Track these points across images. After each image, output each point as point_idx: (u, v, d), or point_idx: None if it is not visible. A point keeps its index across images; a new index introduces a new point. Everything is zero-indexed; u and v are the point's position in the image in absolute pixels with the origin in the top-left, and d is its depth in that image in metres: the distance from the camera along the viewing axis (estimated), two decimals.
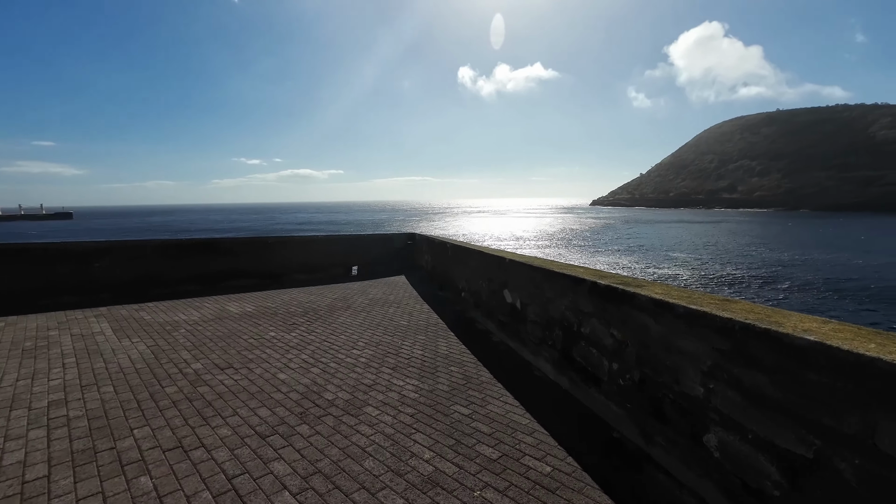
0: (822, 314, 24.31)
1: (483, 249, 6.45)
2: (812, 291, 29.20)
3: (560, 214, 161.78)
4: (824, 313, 25.46)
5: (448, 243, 8.63)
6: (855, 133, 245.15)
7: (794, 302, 26.86)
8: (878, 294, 28.69)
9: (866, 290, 29.42)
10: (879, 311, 25.44)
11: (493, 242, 58.03)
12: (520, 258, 5.08)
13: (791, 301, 27.11)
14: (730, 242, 60.64)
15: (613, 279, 3.37)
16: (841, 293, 28.91)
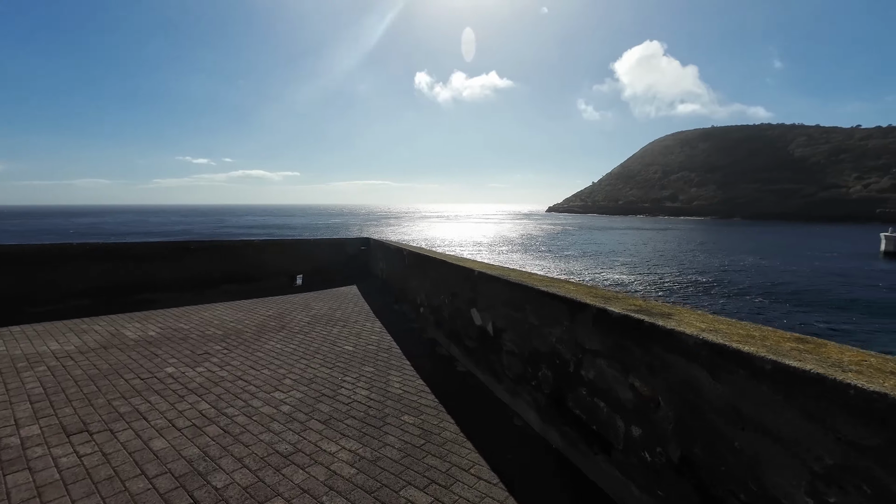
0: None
1: (445, 258, 5.42)
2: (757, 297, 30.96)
3: (519, 220, 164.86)
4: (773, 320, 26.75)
5: (405, 250, 7.52)
6: (777, 150, 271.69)
7: (746, 306, 28.22)
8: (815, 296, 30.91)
9: (791, 294, 31.61)
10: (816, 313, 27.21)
11: (453, 249, 57.43)
12: (492, 270, 4.09)
13: (746, 306, 28.48)
14: (679, 248, 64.04)
15: (628, 304, 2.44)
16: (774, 297, 30.85)
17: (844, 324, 24.55)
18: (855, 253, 58.01)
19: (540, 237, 79.23)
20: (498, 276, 3.75)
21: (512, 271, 4.08)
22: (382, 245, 10.09)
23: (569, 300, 2.72)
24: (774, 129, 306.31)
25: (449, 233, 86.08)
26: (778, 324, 24.92)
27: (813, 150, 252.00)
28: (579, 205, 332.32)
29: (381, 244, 10.35)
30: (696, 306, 25.97)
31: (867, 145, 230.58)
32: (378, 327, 6.46)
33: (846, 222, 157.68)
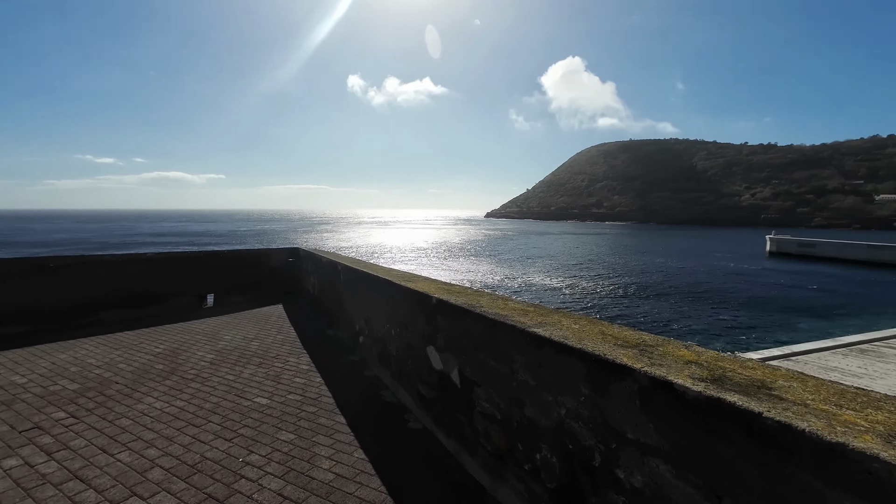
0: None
1: (391, 277, 4.29)
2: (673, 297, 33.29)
3: (460, 226, 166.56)
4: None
5: (339, 264, 6.24)
6: (683, 162, 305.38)
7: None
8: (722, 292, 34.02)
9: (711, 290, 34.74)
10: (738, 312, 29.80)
11: (395, 258, 55.86)
12: (458, 297, 3.07)
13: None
14: (611, 251, 68.28)
15: (706, 371, 1.54)
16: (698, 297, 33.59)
17: (738, 318, 27.17)
18: (746, 254, 66.10)
19: (483, 242, 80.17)
20: (467, 308, 2.73)
21: (485, 297, 3.09)
22: (313, 257, 8.64)
23: (592, 358, 1.77)
24: (681, 144, 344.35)
25: (390, 239, 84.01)
26: (691, 320, 26.92)
27: (711, 163, 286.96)
28: (515, 210, 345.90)
29: (311, 255, 8.89)
30: (636, 311, 26.78)
31: (753, 160, 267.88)
32: (305, 363, 5.13)
33: (739, 226, 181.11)
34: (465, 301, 2.93)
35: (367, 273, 4.81)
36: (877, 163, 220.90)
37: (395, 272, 4.77)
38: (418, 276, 4.50)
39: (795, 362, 11.84)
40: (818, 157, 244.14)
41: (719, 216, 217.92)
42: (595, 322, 2.43)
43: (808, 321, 27.53)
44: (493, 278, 39.39)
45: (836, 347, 12.48)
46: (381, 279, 4.36)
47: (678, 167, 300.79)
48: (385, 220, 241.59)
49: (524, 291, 34.26)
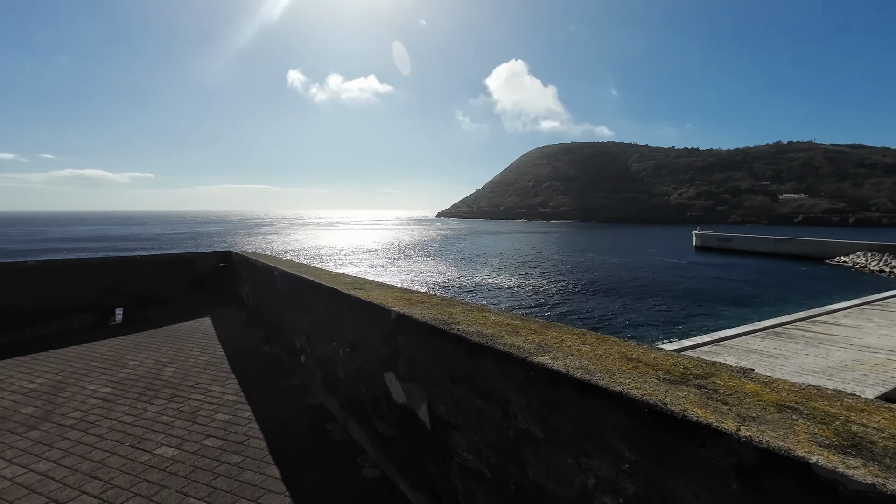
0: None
1: (338, 285, 3.51)
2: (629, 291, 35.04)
3: (411, 226, 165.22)
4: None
5: (276, 269, 5.30)
6: (619, 164, 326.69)
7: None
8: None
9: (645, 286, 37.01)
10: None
11: (342, 261, 53.79)
12: (425, 311, 2.40)
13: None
14: (561, 249, 70.77)
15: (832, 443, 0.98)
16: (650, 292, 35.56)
17: (672, 309, 29.16)
18: (676, 249, 71.81)
19: (436, 242, 79.83)
20: (439, 327, 2.07)
21: (458, 308, 2.45)
22: (248, 261, 7.52)
23: (642, 407, 1.17)
24: (617, 147, 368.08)
25: (338, 241, 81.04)
26: (636, 313, 28.35)
27: (643, 165, 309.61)
28: (466, 210, 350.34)
29: (245, 260, 7.75)
30: (584, 306, 27.57)
31: (679, 162, 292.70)
32: (232, 392, 4.18)
33: (669, 223, 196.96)
34: (435, 316, 2.27)
35: (309, 280, 3.97)
36: (780, 166, 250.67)
37: (344, 278, 3.99)
38: (371, 281, 3.76)
39: (723, 347, 12.52)
40: (733, 160, 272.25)
41: (652, 214, 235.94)
42: (603, 339, 1.88)
43: (730, 308, 30.11)
44: (449, 279, 39.06)
45: (755, 332, 13.45)
46: (325, 287, 3.56)
47: (614, 169, 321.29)
48: (333, 220, 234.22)
49: (480, 291, 34.26)
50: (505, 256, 57.14)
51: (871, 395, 8.81)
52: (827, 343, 12.19)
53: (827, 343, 12.19)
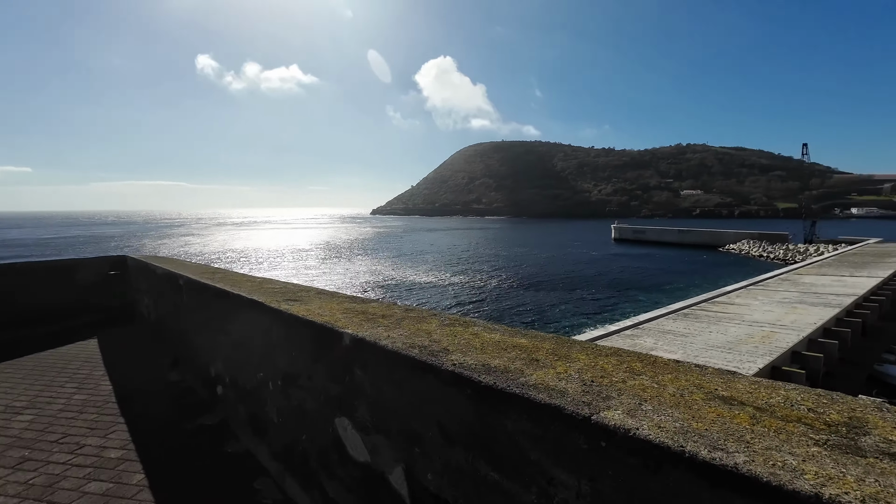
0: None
1: (263, 296, 2.66)
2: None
3: (346, 224, 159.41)
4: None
5: (182, 277, 4.19)
6: (545, 162, 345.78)
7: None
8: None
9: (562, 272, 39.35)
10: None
11: (270, 263, 50.16)
12: (398, 332, 1.73)
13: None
14: (497, 245, 72.56)
15: None
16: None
17: (598, 297, 31.34)
18: (598, 241, 77.61)
19: (373, 240, 77.74)
20: (426, 361, 1.40)
21: (435, 322, 1.82)
22: (146, 268, 6.12)
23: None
24: (543, 146, 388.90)
25: (264, 241, 75.41)
26: (561, 294, 29.84)
27: (567, 164, 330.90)
28: (401, 207, 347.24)
29: (143, 266, 6.31)
30: (523, 300, 28.54)
31: (598, 161, 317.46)
32: (117, 446, 3.10)
33: (591, 218, 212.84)
34: (409, 338, 1.60)
35: (224, 290, 3.04)
36: (680, 165, 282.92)
37: (271, 286, 3.12)
38: (308, 288, 2.95)
39: (642, 330, 13.39)
40: (642, 160, 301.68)
41: (576, 210, 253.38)
42: (657, 364, 1.37)
43: (645, 294, 33.04)
44: (390, 279, 37.96)
45: (667, 314, 14.65)
46: (245, 299, 2.68)
47: (542, 167, 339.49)
48: (259, 220, 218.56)
49: (422, 290, 33.70)
50: (444, 254, 57.23)
51: (762, 363, 9.80)
52: (725, 321, 13.53)
53: (725, 321, 13.53)
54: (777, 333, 11.85)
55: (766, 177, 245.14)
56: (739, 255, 53.99)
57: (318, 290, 2.95)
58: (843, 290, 17.04)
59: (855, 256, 30.36)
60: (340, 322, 1.94)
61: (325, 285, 33.15)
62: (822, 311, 13.86)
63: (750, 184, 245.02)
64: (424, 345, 1.54)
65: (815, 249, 46.52)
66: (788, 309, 14.52)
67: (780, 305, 15.16)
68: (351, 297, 2.67)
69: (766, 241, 57.81)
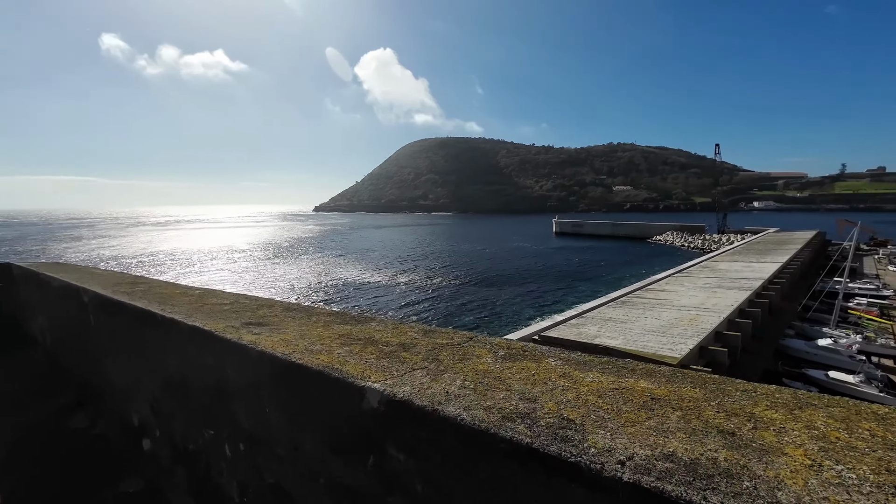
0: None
1: (210, 322, 2.02)
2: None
3: (287, 222, 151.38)
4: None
5: (87, 291, 3.52)
6: (489, 159, 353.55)
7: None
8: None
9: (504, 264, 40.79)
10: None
11: (202, 269, 46.44)
12: (467, 394, 1.14)
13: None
14: (447, 240, 72.76)
15: None
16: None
17: (545, 289, 32.81)
18: (541, 234, 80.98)
19: (319, 239, 74.50)
20: (567, 458, 0.84)
21: (488, 355, 1.45)
22: (36, 278, 5.16)
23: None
24: (487, 143, 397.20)
25: (193, 243, 69.41)
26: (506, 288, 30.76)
27: (510, 161, 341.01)
28: (346, 204, 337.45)
29: (33, 276, 5.32)
30: (477, 297, 28.62)
31: (539, 158, 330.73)
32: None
33: (533, 213, 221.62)
34: (492, 401, 1.08)
35: (149, 312, 2.46)
36: (612, 163, 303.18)
37: (217, 300, 2.58)
38: (271, 302, 2.47)
39: (586, 318, 14.23)
40: (579, 157, 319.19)
41: (519, 205, 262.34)
42: None
43: (585, 284, 35.12)
44: (339, 280, 36.63)
45: (608, 302, 15.72)
46: (184, 326, 2.08)
47: (486, 164, 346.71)
48: (185, 218, 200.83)
49: (372, 291, 32.89)
50: (395, 251, 56.44)
51: (692, 344, 10.79)
52: (658, 307, 14.75)
53: (658, 307, 14.75)
54: (702, 316, 13.04)
55: (684, 174, 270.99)
56: (665, 246, 59.09)
57: (284, 304, 2.39)
58: (752, 275, 19.22)
59: (759, 244, 34.42)
60: (350, 366, 1.37)
61: (272, 293, 31.20)
62: (737, 295, 15.50)
63: (671, 180, 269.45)
64: (519, 410, 1.03)
65: (727, 239, 52.26)
66: (710, 293, 16.07)
67: (703, 290, 16.73)
68: (336, 313, 2.10)
69: (687, 233, 63.96)
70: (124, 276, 4.21)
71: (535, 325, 13.57)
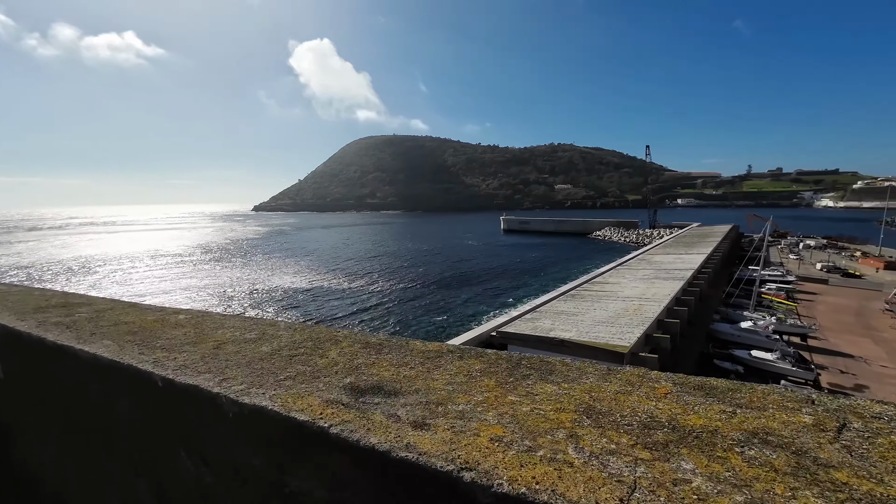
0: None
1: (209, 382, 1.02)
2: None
3: (224, 223, 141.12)
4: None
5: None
6: (437, 158, 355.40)
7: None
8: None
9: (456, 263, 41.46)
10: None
11: (127, 278, 42.29)
12: None
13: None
14: (395, 241, 71.75)
15: None
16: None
17: (498, 287, 33.69)
18: (489, 232, 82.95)
19: (262, 242, 70.25)
20: None
21: None
22: None
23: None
24: (434, 141, 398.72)
25: (113, 248, 62.72)
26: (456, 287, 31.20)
27: (457, 159, 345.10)
28: (289, 203, 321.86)
29: None
30: (436, 299, 28.40)
31: (485, 157, 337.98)
32: None
33: (481, 210, 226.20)
34: None
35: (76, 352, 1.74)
36: (554, 162, 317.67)
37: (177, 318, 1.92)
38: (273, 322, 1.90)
39: (540, 312, 14.81)
40: (523, 157, 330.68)
41: (467, 203, 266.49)
42: None
43: (535, 279, 36.55)
44: (297, 288, 34.82)
45: (558, 296, 16.49)
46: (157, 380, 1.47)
47: (433, 162, 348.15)
48: (100, 220, 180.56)
49: (330, 298, 31.63)
50: (346, 252, 54.70)
51: (639, 333, 11.58)
52: (605, 298, 15.68)
53: (605, 298, 15.68)
54: (645, 306, 13.98)
55: (618, 173, 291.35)
56: (604, 241, 62.99)
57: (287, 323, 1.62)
58: (684, 266, 21.02)
59: (686, 238, 37.77)
60: None
61: (215, 303, 28.78)
62: (672, 284, 16.85)
63: (607, 179, 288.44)
64: None
65: (658, 233, 56.88)
66: (649, 284, 17.32)
67: (643, 282, 18.00)
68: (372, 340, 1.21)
69: (623, 228, 68.68)
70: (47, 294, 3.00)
71: (491, 321, 13.79)
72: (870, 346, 16.24)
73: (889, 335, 17.36)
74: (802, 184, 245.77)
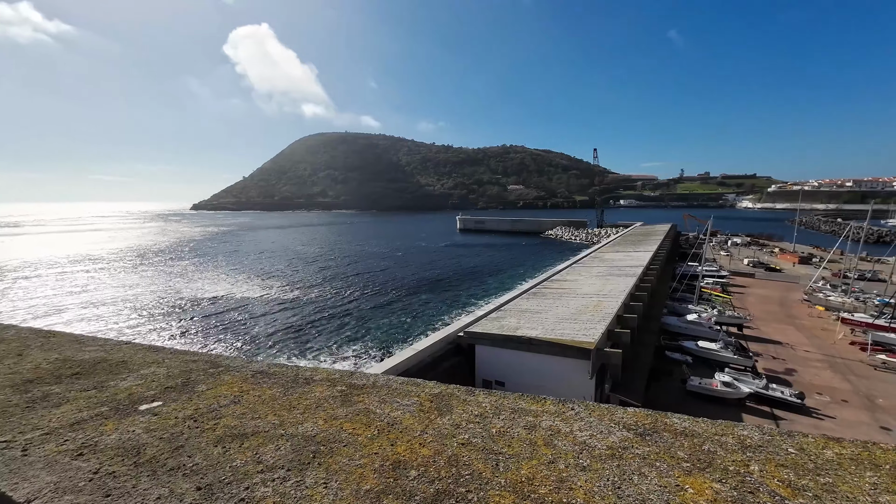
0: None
1: None
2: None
3: (159, 223, 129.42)
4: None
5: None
6: (390, 156, 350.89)
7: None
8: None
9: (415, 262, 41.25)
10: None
11: (27, 296, 38.14)
12: None
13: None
14: (350, 243, 69.52)
15: None
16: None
17: (459, 287, 33.75)
18: (446, 231, 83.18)
19: (202, 244, 65.28)
20: None
21: None
22: None
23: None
24: (387, 140, 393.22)
25: (21, 252, 55.75)
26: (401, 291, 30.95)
27: (411, 158, 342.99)
28: (232, 202, 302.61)
29: None
30: (397, 304, 27.98)
31: (439, 157, 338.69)
32: None
33: (436, 210, 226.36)
34: None
35: None
36: (506, 163, 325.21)
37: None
38: None
39: (505, 311, 14.91)
40: (476, 157, 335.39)
41: (421, 202, 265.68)
42: None
43: (493, 278, 37.03)
44: (246, 298, 32.48)
45: (520, 294, 16.74)
46: None
47: (387, 161, 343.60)
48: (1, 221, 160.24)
49: (282, 310, 29.88)
50: (298, 255, 52.16)
51: (602, 328, 11.93)
52: (565, 296, 16.09)
53: (565, 296, 16.09)
54: (604, 302, 14.45)
55: (566, 175, 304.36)
56: (556, 240, 65.29)
57: None
58: (634, 263, 22.14)
59: (632, 236, 39.99)
60: None
61: (152, 328, 26.13)
62: (626, 281, 17.63)
63: (556, 181, 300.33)
64: None
65: (605, 232, 59.93)
66: (605, 281, 17.99)
67: (599, 279, 18.68)
68: None
69: (573, 227, 71.66)
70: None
71: (458, 322, 13.60)
72: (793, 332, 18.01)
73: (808, 322, 19.38)
74: (726, 187, 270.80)
